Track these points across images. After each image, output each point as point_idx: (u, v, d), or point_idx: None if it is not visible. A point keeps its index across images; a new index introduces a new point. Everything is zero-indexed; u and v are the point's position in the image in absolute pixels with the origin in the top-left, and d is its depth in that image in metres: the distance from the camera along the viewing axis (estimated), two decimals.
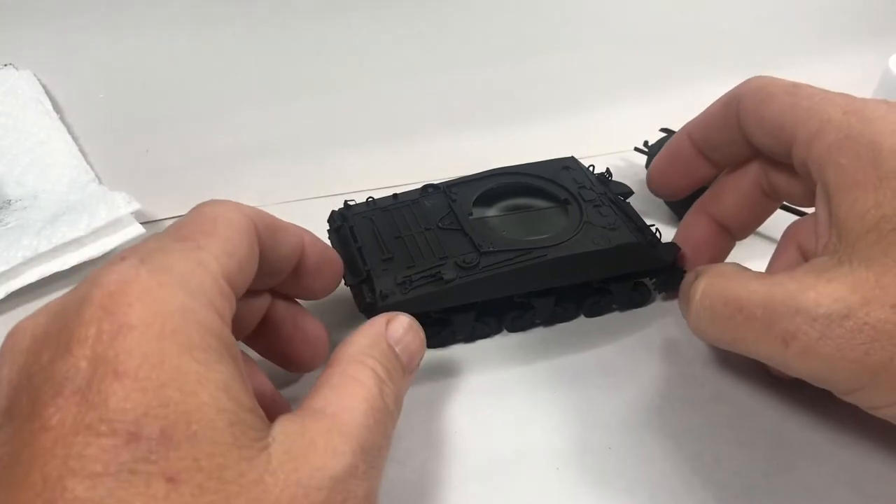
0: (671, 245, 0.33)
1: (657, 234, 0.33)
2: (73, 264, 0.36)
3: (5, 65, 0.41)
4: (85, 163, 0.41)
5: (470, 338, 0.32)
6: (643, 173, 0.42)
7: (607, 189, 0.35)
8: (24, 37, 0.40)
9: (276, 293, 0.28)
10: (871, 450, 0.28)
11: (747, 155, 0.30)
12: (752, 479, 0.27)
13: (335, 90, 0.44)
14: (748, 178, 0.31)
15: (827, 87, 0.26)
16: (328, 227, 0.33)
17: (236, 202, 0.23)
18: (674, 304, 0.35)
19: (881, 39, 0.49)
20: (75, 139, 0.41)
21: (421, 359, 0.25)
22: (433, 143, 0.45)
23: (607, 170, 0.37)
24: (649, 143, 0.42)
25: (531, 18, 0.45)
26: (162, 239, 0.21)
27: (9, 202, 0.39)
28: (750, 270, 0.26)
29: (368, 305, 0.29)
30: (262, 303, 0.27)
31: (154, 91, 0.42)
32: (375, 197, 0.34)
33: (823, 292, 0.22)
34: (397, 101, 0.45)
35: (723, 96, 0.30)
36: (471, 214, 0.33)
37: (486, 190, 0.35)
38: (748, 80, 0.28)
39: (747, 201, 0.31)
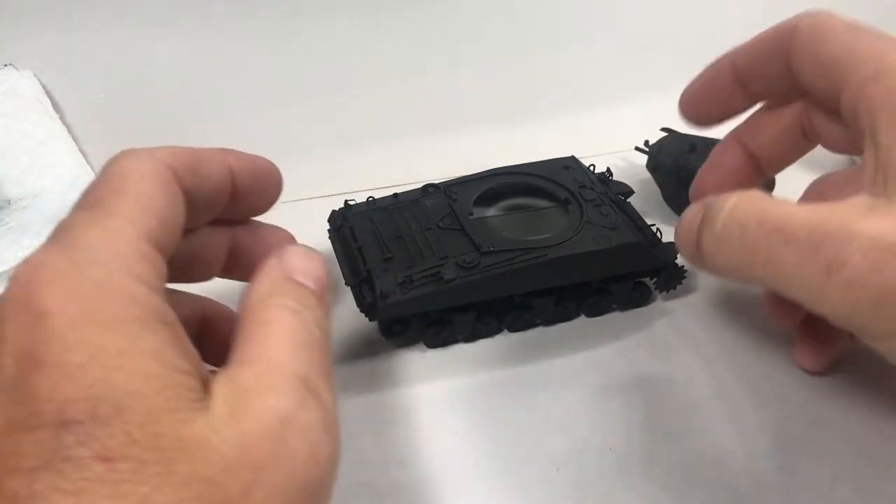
0: (671, 245, 0.33)
1: (658, 234, 0.33)
2: None
3: (5, 65, 0.41)
4: (85, 163, 0.41)
5: (470, 338, 0.32)
6: (644, 173, 0.42)
7: (608, 188, 0.35)
8: (24, 37, 0.40)
9: (226, 221, 0.27)
10: (873, 449, 0.27)
11: (790, 91, 0.29)
12: (753, 479, 0.27)
13: (335, 90, 0.44)
14: (789, 114, 0.30)
15: None
16: (328, 227, 0.33)
17: (149, 148, 0.22)
18: (674, 304, 0.35)
19: None
20: (75, 139, 0.41)
21: (328, 281, 0.23)
22: (433, 143, 0.45)
23: (608, 169, 0.37)
24: (649, 143, 0.42)
25: (532, 18, 0.45)
26: (75, 211, 0.20)
27: (8, 202, 0.39)
28: (784, 199, 0.24)
29: (369, 305, 0.29)
30: (222, 238, 0.27)
31: (154, 91, 0.42)
32: (376, 197, 0.34)
33: (882, 225, 0.20)
34: (397, 100, 0.45)
35: (775, 25, 0.28)
36: (471, 214, 0.33)
37: (486, 189, 0.35)
38: (805, 13, 0.27)
39: (785, 138, 0.30)
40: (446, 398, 0.30)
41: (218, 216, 0.26)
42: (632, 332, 0.33)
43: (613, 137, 0.44)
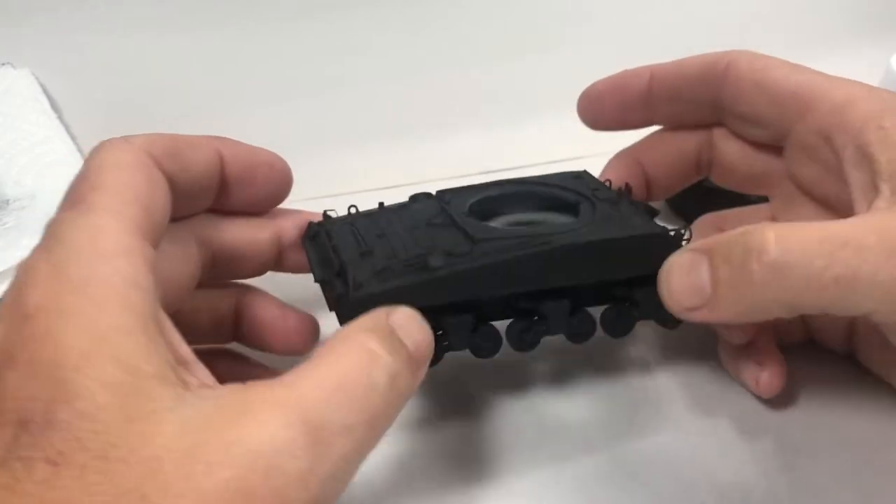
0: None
1: (689, 234, 0.27)
2: None
3: (3, 64, 0.41)
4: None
5: (465, 347, 0.27)
6: None
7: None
8: (22, 35, 0.40)
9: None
10: (874, 449, 0.27)
11: (700, 119, 0.30)
12: (754, 480, 0.27)
13: (335, 90, 0.44)
14: (693, 139, 0.30)
15: None
16: (302, 237, 0.29)
17: (126, 136, 0.22)
18: None
19: (882, 38, 0.49)
20: (73, 138, 0.41)
21: (430, 354, 0.22)
22: (434, 143, 0.45)
23: (626, 185, 0.30)
24: None
25: (534, 18, 0.45)
26: (59, 212, 0.20)
27: (7, 202, 0.39)
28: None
29: (339, 297, 0.24)
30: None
31: (153, 90, 0.42)
32: (366, 199, 0.31)
33: None
34: (397, 100, 0.45)
35: (700, 56, 0.29)
36: (464, 212, 0.28)
37: (483, 198, 0.30)
38: (735, 50, 0.28)
39: (678, 164, 0.31)
40: (445, 397, 0.30)
41: (217, 206, 0.27)
42: (632, 334, 0.33)
43: (615, 137, 0.44)
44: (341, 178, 0.43)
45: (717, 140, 0.30)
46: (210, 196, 0.26)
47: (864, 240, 0.20)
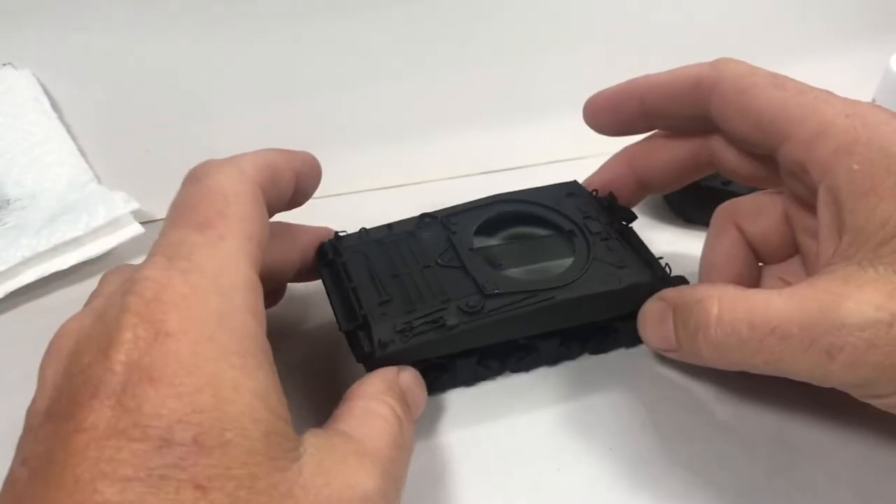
0: (680, 279, 0.31)
1: (666, 269, 0.30)
2: (71, 264, 0.36)
3: (4, 64, 0.41)
4: (84, 162, 0.41)
5: (471, 381, 0.31)
6: None
7: (612, 216, 0.33)
8: (22, 36, 0.40)
9: None
10: (873, 448, 0.27)
11: (698, 131, 0.30)
12: (753, 480, 0.27)
13: (335, 90, 0.44)
14: (687, 146, 0.31)
15: (827, 87, 0.26)
16: (318, 261, 0.31)
17: (234, 161, 0.23)
18: None
19: (882, 38, 0.49)
20: (74, 139, 0.41)
21: (421, 414, 0.26)
22: (433, 143, 0.45)
23: (610, 193, 0.34)
24: None
25: (534, 18, 0.45)
26: (180, 228, 0.20)
27: (7, 202, 0.39)
28: (755, 289, 0.25)
29: (366, 355, 0.27)
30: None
31: (154, 91, 0.42)
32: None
33: (862, 301, 0.21)
34: (397, 100, 0.45)
35: (688, 71, 0.29)
36: (471, 248, 0.31)
37: (486, 219, 0.32)
38: (722, 63, 0.28)
39: (679, 166, 0.31)
40: (445, 396, 0.30)
41: None
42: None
43: (616, 139, 0.44)
44: (342, 178, 0.43)
45: (716, 146, 0.30)
46: (277, 212, 0.26)
47: (788, 328, 0.22)
